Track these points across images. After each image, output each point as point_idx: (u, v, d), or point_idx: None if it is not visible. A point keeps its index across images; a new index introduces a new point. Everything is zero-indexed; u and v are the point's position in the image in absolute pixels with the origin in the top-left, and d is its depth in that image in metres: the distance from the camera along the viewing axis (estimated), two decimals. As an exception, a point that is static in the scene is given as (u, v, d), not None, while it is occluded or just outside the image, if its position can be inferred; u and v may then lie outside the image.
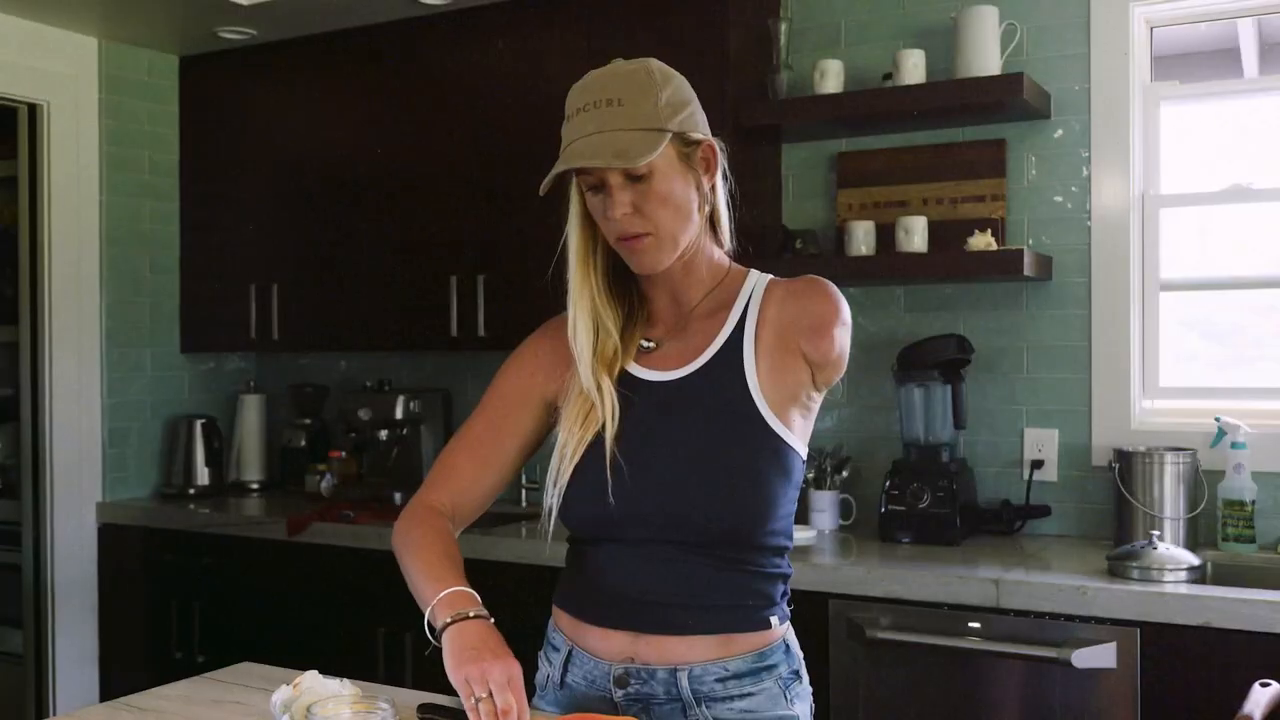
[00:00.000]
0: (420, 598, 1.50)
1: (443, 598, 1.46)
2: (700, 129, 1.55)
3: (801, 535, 2.89)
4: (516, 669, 1.39)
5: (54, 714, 3.57)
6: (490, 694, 1.35)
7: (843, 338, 1.56)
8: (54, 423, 3.64)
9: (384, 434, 3.70)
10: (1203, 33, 3.18)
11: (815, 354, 1.54)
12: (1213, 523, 2.76)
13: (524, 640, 1.72)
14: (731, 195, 1.63)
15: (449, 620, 1.43)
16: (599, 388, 1.55)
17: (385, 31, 3.57)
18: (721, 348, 1.56)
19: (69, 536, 3.67)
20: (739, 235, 1.66)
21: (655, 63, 1.54)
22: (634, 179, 1.48)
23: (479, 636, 1.41)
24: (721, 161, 1.58)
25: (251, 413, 4.06)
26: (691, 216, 1.54)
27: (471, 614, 1.44)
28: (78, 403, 3.70)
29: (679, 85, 1.54)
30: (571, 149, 1.49)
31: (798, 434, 1.56)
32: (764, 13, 3.20)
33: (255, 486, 4.03)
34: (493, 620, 1.46)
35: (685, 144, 1.52)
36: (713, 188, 1.58)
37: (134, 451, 3.89)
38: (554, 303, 1.69)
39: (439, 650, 1.43)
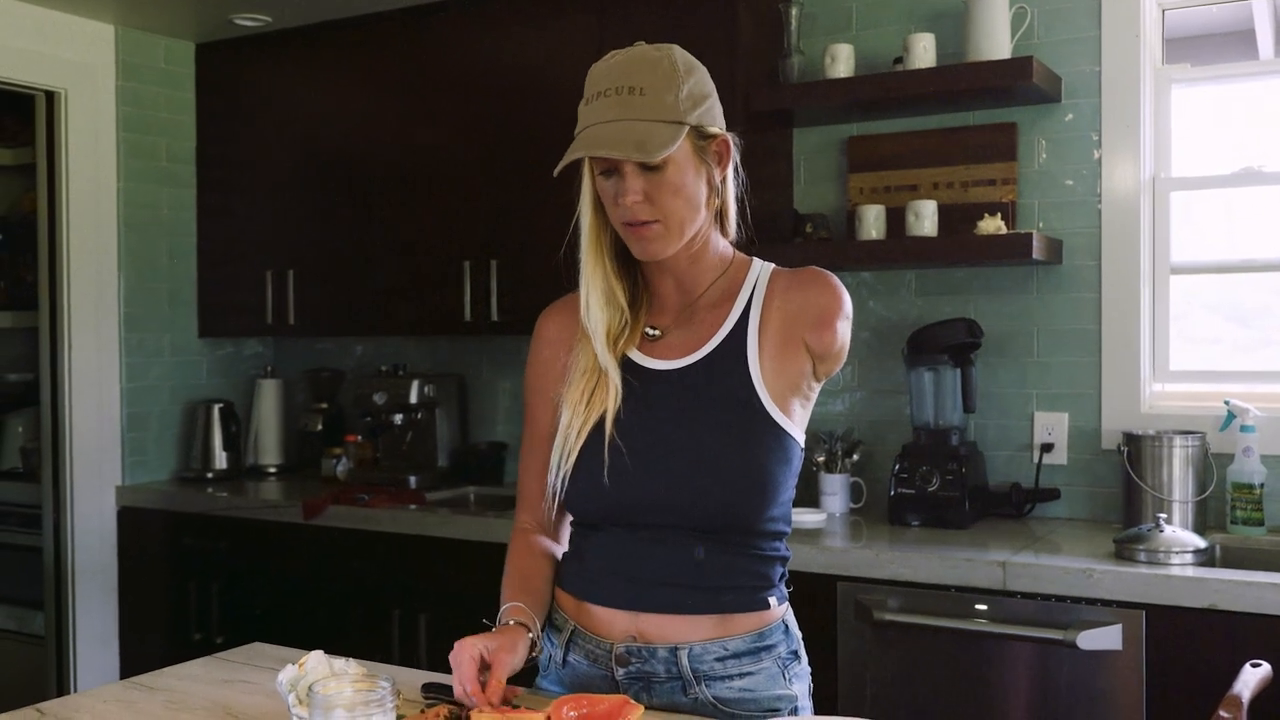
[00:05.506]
0: None
1: (503, 611, 1.57)
2: (717, 122, 1.56)
3: (812, 518, 2.90)
4: (495, 641, 1.46)
5: (75, 693, 3.62)
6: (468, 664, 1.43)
7: (845, 330, 1.58)
8: (74, 407, 3.69)
9: (399, 418, 3.72)
10: (1216, 14, 3.15)
11: (819, 346, 1.56)
12: (1222, 506, 2.76)
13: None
14: (742, 189, 1.64)
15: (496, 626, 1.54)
16: (609, 366, 1.57)
17: (399, 18, 3.59)
18: (726, 338, 1.58)
19: (89, 520, 3.72)
20: (750, 221, 1.67)
21: (679, 51, 1.54)
22: (648, 168, 1.49)
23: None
24: (734, 156, 1.59)
25: (268, 397, 4.09)
26: (700, 208, 1.55)
27: (511, 622, 1.53)
28: (97, 387, 3.75)
29: (701, 78, 1.55)
30: (591, 134, 1.49)
31: (797, 423, 1.58)
32: (774, -3, 3.20)
33: (272, 470, 4.06)
34: (531, 634, 1.53)
35: (701, 137, 1.53)
36: (723, 181, 1.59)
37: (153, 435, 3.93)
38: (565, 286, 1.71)
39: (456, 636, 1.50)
